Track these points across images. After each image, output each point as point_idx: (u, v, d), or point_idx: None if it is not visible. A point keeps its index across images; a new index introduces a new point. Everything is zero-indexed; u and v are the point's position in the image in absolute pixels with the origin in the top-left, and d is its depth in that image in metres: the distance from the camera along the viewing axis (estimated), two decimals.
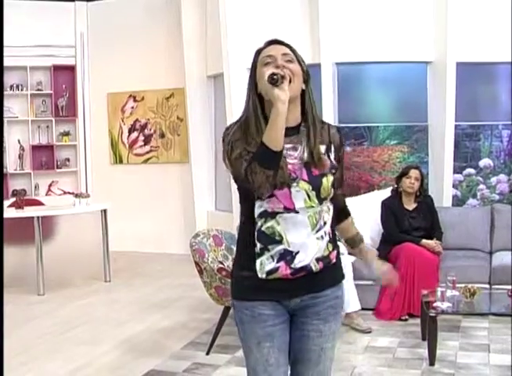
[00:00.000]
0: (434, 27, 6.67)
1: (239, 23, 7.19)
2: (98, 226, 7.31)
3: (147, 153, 9.18)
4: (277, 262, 2.25)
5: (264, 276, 2.26)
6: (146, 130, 9.15)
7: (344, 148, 2.45)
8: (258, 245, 2.26)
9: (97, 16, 9.17)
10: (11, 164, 9.20)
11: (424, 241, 5.54)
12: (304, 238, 2.26)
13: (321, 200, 2.28)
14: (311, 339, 2.38)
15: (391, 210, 5.73)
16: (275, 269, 2.25)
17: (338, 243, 4.92)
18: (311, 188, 2.25)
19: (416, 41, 6.79)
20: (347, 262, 5.21)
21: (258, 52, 2.31)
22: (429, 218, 5.74)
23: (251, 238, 2.27)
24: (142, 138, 9.20)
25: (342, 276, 2.50)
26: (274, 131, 2.09)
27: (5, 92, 9.00)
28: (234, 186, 2.48)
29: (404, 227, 5.65)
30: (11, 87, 9.09)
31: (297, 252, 2.25)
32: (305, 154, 2.26)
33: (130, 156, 9.29)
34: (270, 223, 2.25)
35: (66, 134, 9.37)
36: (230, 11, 7.20)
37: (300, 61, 2.28)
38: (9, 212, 6.96)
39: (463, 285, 4.66)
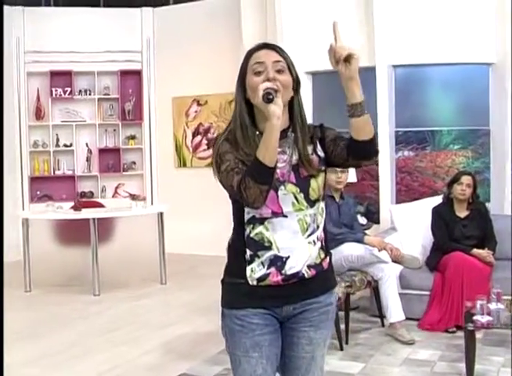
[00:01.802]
0: (496, 28, 6.40)
1: (295, 26, 7.13)
2: (155, 229, 7.38)
3: (210, 156, 9.18)
4: (267, 268, 2.20)
5: (255, 283, 2.22)
6: (209, 134, 9.21)
7: (326, 128, 2.34)
8: (248, 252, 2.21)
9: (162, 22, 9.30)
10: (79, 166, 9.45)
11: (475, 251, 5.29)
12: (294, 242, 2.20)
13: (312, 203, 2.22)
14: (300, 346, 2.33)
15: (441, 217, 5.52)
16: (266, 276, 2.20)
17: (379, 252, 4.82)
18: (298, 190, 2.19)
19: (478, 42, 6.52)
20: (390, 271, 5.06)
21: (249, 56, 2.25)
22: (482, 227, 5.48)
23: (241, 245, 2.23)
24: (205, 142, 9.26)
25: (334, 283, 2.43)
26: (269, 147, 2.05)
27: (74, 97, 9.28)
28: None
29: (455, 235, 5.43)
30: (80, 92, 9.34)
31: (288, 257, 2.19)
32: (294, 157, 2.21)
33: (193, 159, 9.37)
34: (259, 229, 2.20)
35: (133, 137, 9.53)
36: (286, 14, 7.15)
37: (290, 69, 2.24)
38: (67, 214, 7.13)
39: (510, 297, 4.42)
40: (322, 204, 2.27)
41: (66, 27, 9.15)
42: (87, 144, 9.41)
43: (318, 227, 2.25)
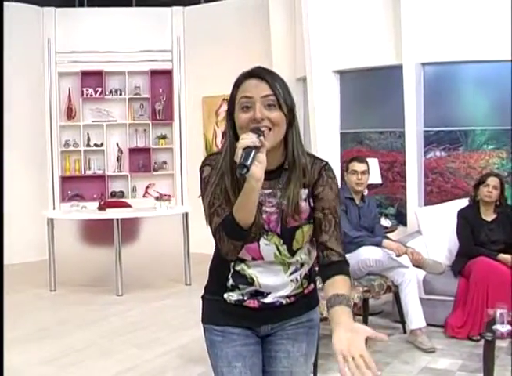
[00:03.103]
0: None
1: (323, 23, 6.98)
2: (180, 229, 7.33)
3: None
4: (247, 299, 2.15)
5: (232, 302, 2.15)
6: None
7: (326, 184, 2.08)
8: (231, 281, 2.14)
9: (193, 21, 9.26)
10: (110, 166, 9.46)
11: (501, 256, 5.08)
12: (276, 281, 2.13)
13: (293, 252, 2.10)
14: (278, 360, 2.23)
15: (467, 220, 5.32)
16: (243, 301, 2.15)
17: (399, 258, 4.65)
18: (281, 242, 2.07)
19: None
20: (412, 275, 4.90)
21: (237, 85, 2.04)
22: (509, 231, 5.26)
23: (225, 271, 2.15)
24: None
25: (316, 302, 2.30)
26: (245, 209, 1.92)
27: (105, 97, 9.30)
28: None
29: (480, 239, 5.22)
30: (110, 91, 9.35)
31: (269, 293, 2.14)
32: (284, 201, 2.03)
33: None
34: (240, 266, 2.12)
35: (163, 137, 9.50)
36: (314, 11, 7.00)
37: (281, 104, 1.98)
38: (90, 214, 7.12)
39: None
40: (306, 247, 2.13)
41: (96, 27, 9.18)
42: (117, 144, 9.41)
43: (302, 265, 2.15)
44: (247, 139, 1.86)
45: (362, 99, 7.38)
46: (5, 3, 8.73)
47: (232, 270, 2.12)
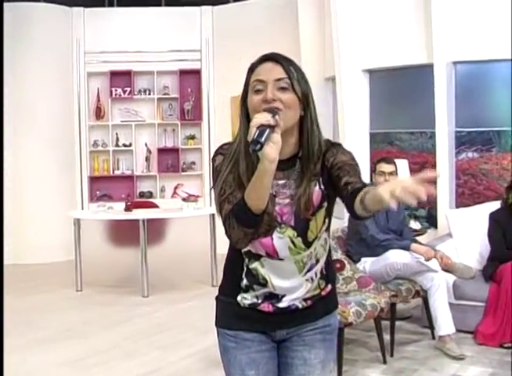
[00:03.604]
0: None
1: (352, 23, 6.87)
2: (207, 230, 7.27)
3: None
4: (261, 301, 2.06)
5: (246, 306, 2.07)
6: None
7: (337, 153, 1.98)
8: (245, 281, 2.06)
9: (221, 20, 9.20)
10: (138, 166, 9.45)
11: None
12: (290, 282, 2.04)
13: (310, 244, 2.01)
14: (294, 367, 2.14)
15: (499, 223, 5.16)
16: (257, 305, 2.07)
17: (427, 262, 4.52)
18: (296, 234, 1.99)
19: None
20: (441, 280, 4.76)
21: (251, 70, 1.97)
22: None
23: (239, 270, 2.06)
24: None
25: (335, 306, 2.21)
26: (257, 192, 1.82)
27: (133, 97, 9.29)
28: None
29: None
30: (139, 91, 9.34)
31: (284, 295, 2.05)
32: (298, 192, 1.95)
33: None
34: (254, 264, 2.03)
35: (192, 137, 9.46)
36: (343, 10, 6.90)
37: (295, 86, 1.91)
38: (116, 214, 7.10)
39: None
40: (323, 236, 2.05)
41: (125, 27, 9.18)
42: (146, 144, 9.40)
43: (317, 261, 2.06)
44: (261, 117, 1.79)
45: (392, 98, 7.25)
46: (34, 3, 8.80)
47: (246, 269, 2.04)
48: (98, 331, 5.59)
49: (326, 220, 2.03)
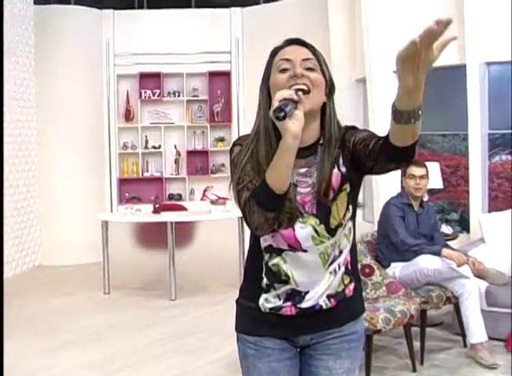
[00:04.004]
0: None
1: (383, 24, 6.76)
2: (236, 232, 7.21)
3: None
4: (283, 301, 1.97)
5: (267, 310, 1.99)
6: None
7: (350, 131, 1.92)
8: (265, 280, 1.98)
9: (251, 22, 9.14)
10: (168, 168, 9.43)
11: None
12: (314, 276, 1.96)
13: (334, 231, 1.93)
14: None
15: None
16: (279, 308, 1.98)
17: (459, 268, 4.40)
18: (318, 222, 1.91)
19: None
20: (473, 286, 4.63)
21: (275, 53, 1.94)
22: None
23: (259, 271, 1.99)
24: None
25: (362, 310, 2.12)
26: (279, 171, 1.75)
27: (163, 99, 9.29)
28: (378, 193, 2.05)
29: None
30: (168, 93, 9.33)
31: (307, 292, 1.96)
32: (319, 181, 1.90)
33: None
34: (276, 260, 1.95)
35: (221, 140, 9.42)
36: (374, 11, 6.80)
37: (323, 68, 1.91)
38: (144, 217, 7.08)
39: None
40: (348, 225, 1.96)
41: (155, 29, 9.18)
42: (175, 146, 9.38)
43: (341, 253, 1.97)
44: (284, 92, 1.74)
45: (423, 100, 7.05)
46: (64, 6, 8.86)
47: (265, 268, 1.96)
48: (125, 335, 5.56)
49: (350, 207, 1.94)
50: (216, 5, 9.34)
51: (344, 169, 1.91)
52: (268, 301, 1.97)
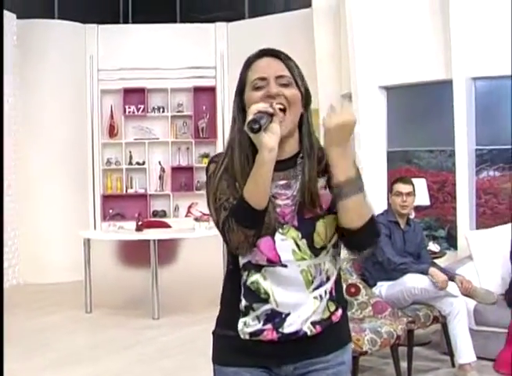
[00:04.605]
0: None
1: (368, 39, 6.73)
2: (220, 250, 7.09)
3: None
4: (263, 324, 1.84)
5: (247, 336, 1.86)
6: None
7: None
8: (243, 302, 1.86)
9: (236, 36, 9.07)
10: (152, 185, 9.33)
11: None
12: (295, 297, 1.83)
13: (317, 251, 1.82)
14: None
15: None
16: (259, 332, 1.85)
17: (449, 283, 4.30)
18: (300, 236, 1.81)
19: None
20: (461, 305, 4.54)
21: (248, 65, 1.86)
22: None
23: (236, 293, 1.87)
24: None
25: (348, 338, 1.99)
26: (256, 186, 1.70)
27: (147, 114, 9.19)
28: None
29: None
30: (153, 109, 9.24)
31: (288, 314, 1.83)
32: (300, 193, 1.81)
33: None
34: (255, 277, 1.84)
35: (206, 156, 9.31)
36: (359, 27, 6.76)
37: (298, 82, 1.84)
38: (127, 234, 6.96)
39: None
40: (332, 251, 1.87)
41: (139, 43, 9.10)
42: (160, 162, 9.28)
43: (328, 279, 1.87)
44: (259, 105, 1.71)
45: (409, 115, 7.08)
46: (48, 20, 8.76)
47: (244, 288, 1.84)
48: (106, 356, 5.41)
49: (335, 229, 1.84)
50: (201, 20, 9.28)
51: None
52: (247, 324, 1.85)
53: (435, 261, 5.05)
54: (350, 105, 1.53)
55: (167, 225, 7.85)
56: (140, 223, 6.99)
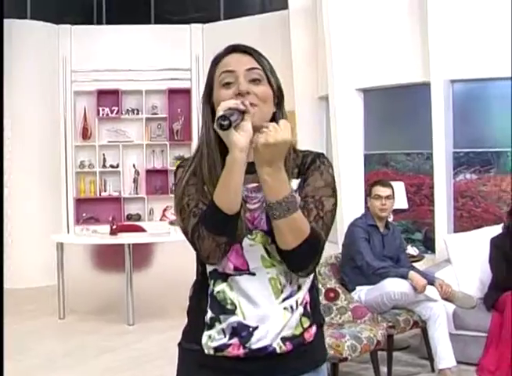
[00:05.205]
0: None
1: (345, 41, 6.68)
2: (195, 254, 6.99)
3: None
4: (229, 338, 1.71)
5: (211, 352, 1.73)
6: None
7: (316, 170, 1.75)
8: (209, 314, 1.73)
9: (212, 38, 8.98)
10: (126, 188, 9.20)
11: None
12: (264, 309, 1.70)
13: None
14: None
15: (500, 250, 4.90)
16: (224, 347, 1.71)
17: (428, 287, 4.25)
18: (270, 240, 1.68)
19: None
20: (441, 310, 4.50)
21: (216, 62, 1.76)
22: None
23: (202, 303, 1.75)
24: None
25: (323, 358, 1.85)
26: (227, 189, 1.59)
27: (121, 116, 9.07)
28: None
29: None
30: (127, 111, 9.12)
31: (256, 327, 1.69)
32: None
33: None
34: (221, 286, 1.72)
35: (181, 158, 9.20)
36: (336, 29, 6.71)
37: (269, 77, 1.73)
38: (101, 239, 6.85)
39: None
40: None
41: (113, 45, 8.97)
42: (134, 165, 9.16)
43: (299, 288, 1.73)
44: (229, 101, 1.60)
45: (387, 118, 7.05)
46: (21, 20, 8.60)
47: (210, 299, 1.72)
48: (80, 362, 5.30)
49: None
50: (176, 22, 9.18)
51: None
52: (212, 338, 1.72)
53: (414, 264, 5.01)
54: (288, 122, 1.35)
55: (141, 229, 7.73)
56: (114, 227, 6.86)
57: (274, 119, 1.72)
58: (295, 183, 1.72)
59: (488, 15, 5.94)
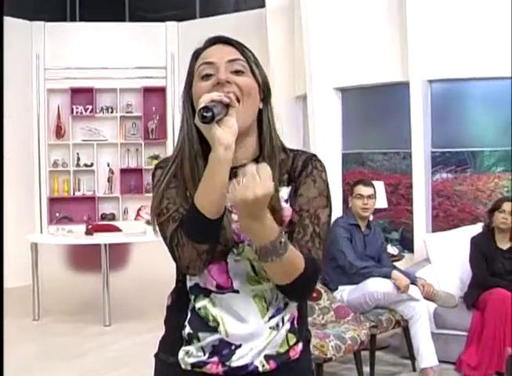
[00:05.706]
0: None
1: (323, 40, 6.67)
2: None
3: None
4: (209, 356, 1.60)
5: (188, 367, 1.62)
6: None
7: (309, 176, 1.62)
8: (187, 329, 1.61)
9: (187, 36, 8.91)
10: (100, 187, 9.09)
11: None
12: (250, 328, 1.58)
13: None
14: None
15: (481, 249, 4.93)
16: (203, 364, 1.60)
17: (411, 286, 4.25)
18: (257, 256, 1.51)
19: None
20: (423, 309, 4.51)
21: (196, 55, 1.63)
22: None
23: (182, 315, 1.63)
24: None
25: (310, 374, 1.77)
26: (210, 190, 1.44)
27: (95, 115, 8.96)
28: None
29: (496, 270, 4.82)
30: (101, 109, 9.01)
31: (239, 346, 1.58)
32: None
33: None
34: (202, 303, 1.59)
35: (156, 157, 9.10)
36: (314, 28, 6.69)
37: (254, 69, 1.60)
38: (76, 239, 6.75)
39: None
40: None
41: (87, 42, 8.85)
42: (108, 164, 9.05)
43: (286, 305, 1.61)
44: (212, 94, 1.46)
45: (365, 117, 7.05)
46: None
47: (190, 314, 1.61)
48: (55, 365, 5.19)
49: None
50: (151, 19, 9.08)
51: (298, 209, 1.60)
52: (189, 354, 1.61)
53: (394, 264, 5.01)
54: (267, 165, 1.26)
55: (117, 229, 7.64)
56: (90, 227, 6.76)
57: (260, 119, 1.61)
58: (285, 192, 1.60)
59: (466, 16, 5.98)
